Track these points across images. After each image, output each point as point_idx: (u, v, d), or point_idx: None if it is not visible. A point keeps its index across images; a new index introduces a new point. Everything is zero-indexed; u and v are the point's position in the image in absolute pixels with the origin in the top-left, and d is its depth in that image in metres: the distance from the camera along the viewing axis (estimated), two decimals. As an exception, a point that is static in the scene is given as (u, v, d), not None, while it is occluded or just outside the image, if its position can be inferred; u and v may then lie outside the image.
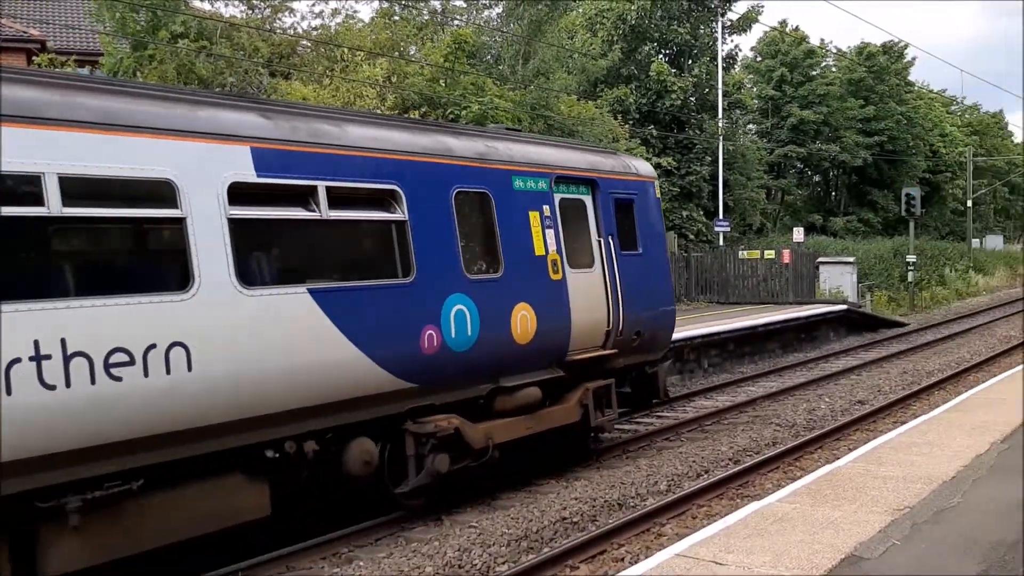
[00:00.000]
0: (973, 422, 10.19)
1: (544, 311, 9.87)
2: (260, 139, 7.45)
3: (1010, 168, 68.29)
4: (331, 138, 8.11)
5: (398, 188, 8.52)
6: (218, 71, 18.48)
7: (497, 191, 9.70)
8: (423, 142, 9.13)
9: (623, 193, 11.66)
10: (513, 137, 11.08)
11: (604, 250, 11.06)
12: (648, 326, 11.68)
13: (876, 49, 51.05)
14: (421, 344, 8.47)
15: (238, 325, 6.95)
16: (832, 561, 5.77)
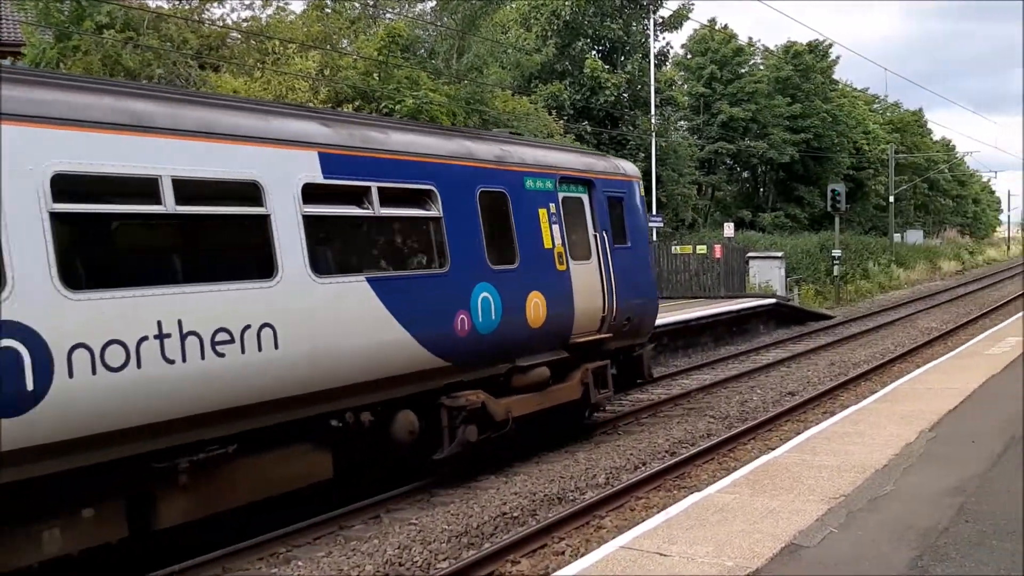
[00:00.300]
0: (902, 412, 10.46)
1: (553, 298, 10.98)
2: (325, 145, 8.45)
3: (929, 165, 70.53)
4: (379, 143, 9.14)
5: (434, 188, 9.53)
6: (145, 63, 17.96)
7: (512, 190, 10.76)
8: (451, 146, 10.16)
9: (614, 191, 12.78)
10: (523, 141, 12.57)
11: (599, 243, 12.13)
12: (636, 312, 12.84)
13: (802, 48, 52.16)
14: (455, 327, 9.53)
15: (313, 309, 7.95)
16: (773, 550, 5.86)
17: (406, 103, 21.00)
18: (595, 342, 11.87)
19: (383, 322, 8.66)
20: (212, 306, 7.12)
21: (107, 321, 6.44)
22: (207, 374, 7.04)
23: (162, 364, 6.72)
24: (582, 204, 12.09)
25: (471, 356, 9.85)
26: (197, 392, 7.03)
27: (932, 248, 60.83)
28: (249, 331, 7.35)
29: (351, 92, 21.45)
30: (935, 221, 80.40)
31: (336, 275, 8.37)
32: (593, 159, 13.28)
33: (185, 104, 7.60)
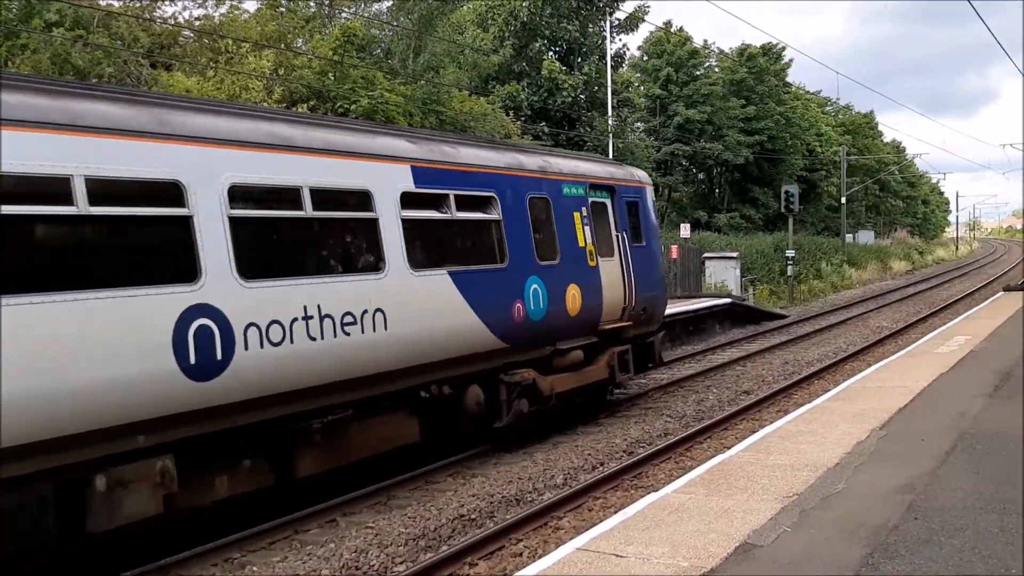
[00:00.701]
0: (854, 410, 10.61)
1: (586, 290, 12.59)
2: (415, 159, 10.02)
3: (880, 166, 71.80)
4: (453, 157, 10.76)
5: (494, 195, 11.14)
6: (95, 61, 17.60)
7: (553, 196, 12.36)
8: (505, 159, 11.83)
9: (631, 196, 14.47)
10: (558, 153, 14.43)
11: (620, 242, 13.81)
12: (650, 303, 14.52)
13: (756, 51, 52.81)
14: (513, 314, 11.09)
15: (410, 297, 9.51)
16: (727, 550, 5.90)
17: (361, 103, 20.85)
18: (618, 329, 13.56)
19: (460, 309, 10.26)
20: (341, 294, 8.69)
21: (269, 305, 7.95)
22: (337, 350, 8.57)
23: (307, 340, 8.24)
24: (606, 208, 13.73)
25: (524, 339, 11.39)
26: (330, 364, 8.55)
27: (883, 248, 61.90)
28: (367, 315, 8.94)
29: (306, 92, 21.25)
30: (886, 222, 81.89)
31: (425, 269, 9.86)
32: (614, 168, 15.00)
33: (312, 127, 9.32)
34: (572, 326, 12.37)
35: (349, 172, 9.13)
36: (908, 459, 8.05)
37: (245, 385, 7.71)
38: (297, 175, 8.48)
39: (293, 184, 8.44)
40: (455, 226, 10.69)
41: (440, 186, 10.31)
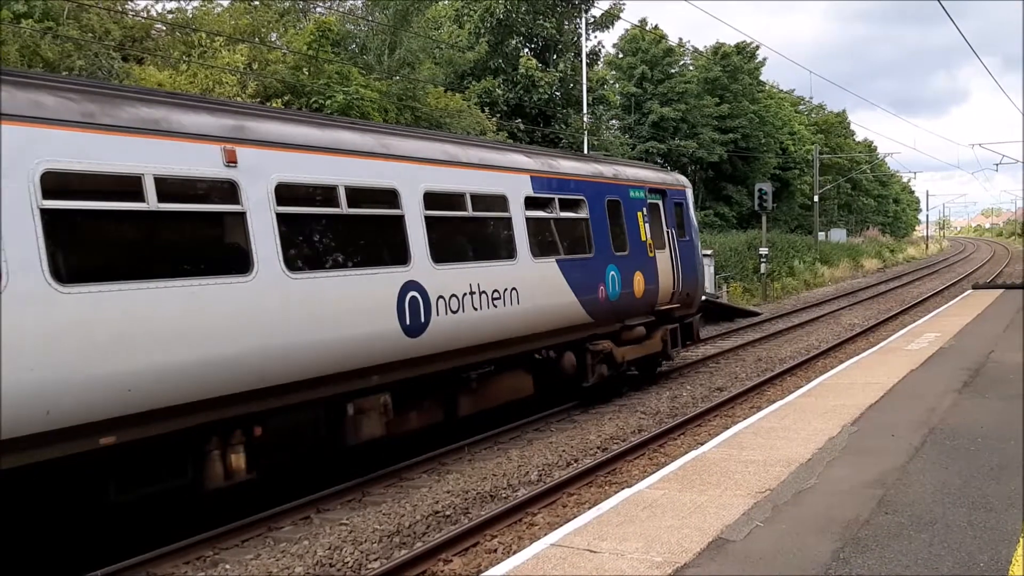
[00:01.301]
0: (825, 406, 10.71)
1: (647, 277, 15.11)
2: (532, 170, 12.73)
3: (852, 165, 72.44)
4: (555, 168, 13.47)
5: (584, 198, 13.68)
6: (66, 54, 17.36)
7: (623, 199, 14.84)
8: (589, 168, 14.44)
9: (678, 198, 17.01)
10: (624, 163, 17.47)
11: (670, 237, 16.31)
12: (691, 289, 17.05)
13: (730, 49, 53.06)
14: (598, 295, 13.63)
15: (532, 280, 12.06)
16: (700, 544, 5.94)
17: (336, 98, 20.74)
18: (669, 310, 16.09)
19: (563, 290, 12.83)
20: (491, 275, 11.29)
21: (450, 283, 10.52)
22: (490, 317, 11.16)
23: (472, 310, 10.85)
24: (659, 208, 16.17)
25: (604, 315, 13.88)
26: (485, 329, 11.14)
27: (855, 246, 62.46)
28: (507, 292, 11.55)
29: (280, 87, 21.10)
30: (858, 220, 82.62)
31: (541, 257, 12.44)
32: (664, 174, 17.73)
33: (467, 146, 12.15)
34: (636, 306, 14.94)
35: (494, 182, 11.82)
36: (879, 454, 8.13)
37: (436, 342, 10.33)
38: (463, 185, 11.18)
39: (460, 191, 11.14)
40: (558, 223, 13.19)
41: (549, 192, 12.92)
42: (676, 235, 16.54)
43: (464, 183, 11.17)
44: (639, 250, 15.02)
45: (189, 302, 7.50)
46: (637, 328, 14.92)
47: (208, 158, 7.93)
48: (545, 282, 12.42)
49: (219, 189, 8.08)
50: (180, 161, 7.66)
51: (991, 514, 6.33)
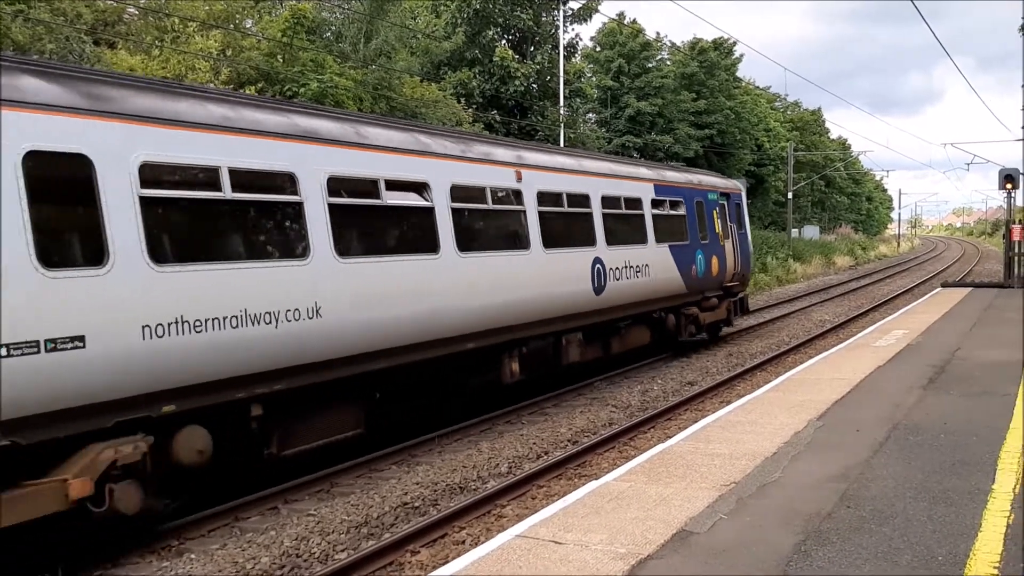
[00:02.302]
0: (793, 401, 10.80)
1: (719, 260, 19.73)
2: (653, 180, 17.18)
3: (826, 163, 72.99)
4: (666, 177, 17.93)
5: (682, 199, 18.10)
6: (36, 37, 17.11)
7: (704, 200, 19.40)
8: (685, 177, 19.17)
9: (737, 199, 21.89)
10: (702, 172, 22.48)
11: (731, 230, 20.92)
12: (746, 271, 22.13)
13: (708, 45, 53.23)
14: (691, 272, 18.11)
15: (657, 258, 16.50)
16: (664, 536, 5.98)
17: (310, 87, 20.61)
18: (731, 286, 20.69)
19: (671, 267, 17.35)
20: (636, 255, 15.77)
21: (616, 259, 15.01)
22: (635, 284, 15.74)
23: (626, 279, 15.35)
24: (724, 207, 20.67)
25: (694, 288, 18.40)
26: (632, 293, 15.66)
27: (827, 244, 62.94)
28: (643, 267, 16.05)
29: (254, 74, 20.92)
30: (831, 217, 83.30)
31: (660, 244, 16.87)
32: (728, 180, 22.59)
33: (623, 164, 17.19)
34: (712, 282, 19.42)
35: (635, 189, 16.39)
36: (843, 449, 8.22)
37: (609, 299, 14.93)
38: (619, 191, 15.76)
39: (618, 195, 15.71)
40: (668, 219, 17.55)
41: (663, 195, 17.38)
42: (735, 228, 21.20)
43: (620, 190, 15.77)
44: (714, 239, 19.69)
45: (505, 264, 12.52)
46: (712, 299, 19.60)
47: (511, 176, 12.89)
48: (662, 262, 16.98)
49: (513, 196, 13.01)
50: (503, 179, 12.79)
51: (951, 508, 6.42)
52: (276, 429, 9.09)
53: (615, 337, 16.06)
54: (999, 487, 6.88)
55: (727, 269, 20.17)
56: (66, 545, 7.65)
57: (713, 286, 19.41)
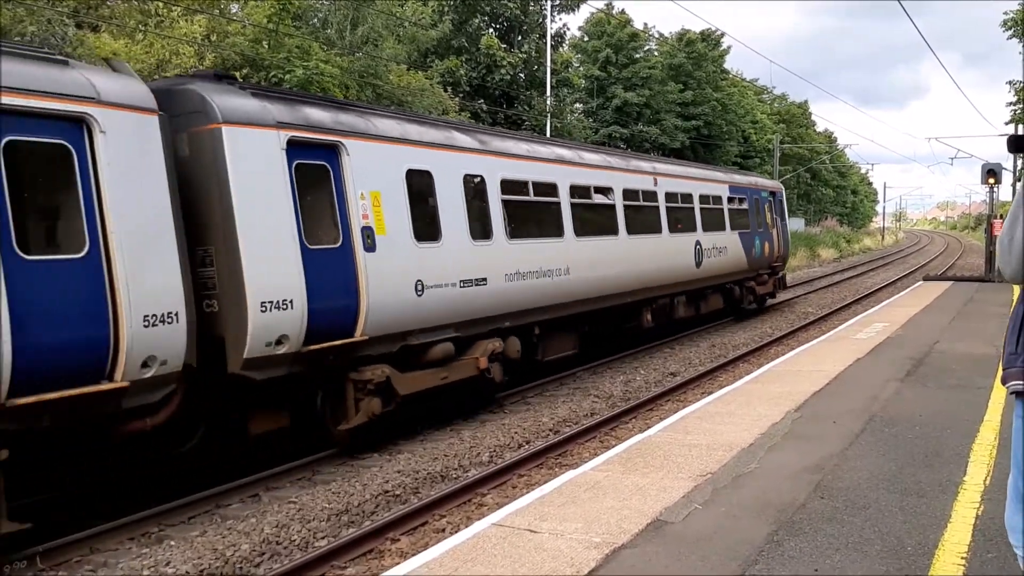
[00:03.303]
0: (772, 392, 10.89)
1: (769, 245, 24.88)
2: (727, 181, 22.86)
3: (812, 155, 73.21)
4: (734, 180, 23.51)
5: (745, 196, 23.28)
6: (17, 19, 16.99)
7: (759, 197, 24.67)
8: (749, 180, 24.94)
9: (780, 196, 27.31)
10: (755, 175, 28.60)
11: (776, 221, 26.29)
12: (785, 254, 27.52)
13: (695, 36, 53.26)
14: (751, 254, 23.29)
15: (731, 242, 22.12)
16: (639, 526, 6.04)
17: (296, 73, 20.53)
18: (775, 266, 26.03)
19: (740, 250, 22.62)
20: (719, 239, 21.22)
21: (707, 241, 20.44)
22: (718, 262, 21.08)
23: (713, 257, 20.75)
24: (771, 203, 25.97)
25: (752, 266, 23.68)
26: (716, 267, 21.05)
27: (812, 236, 63.15)
28: (723, 248, 21.32)
29: (239, 60, 20.83)
30: (816, 210, 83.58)
31: (733, 231, 22.28)
32: (773, 182, 28.88)
33: (705, 169, 23.12)
34: (763, 262, 24.76)
35: (715, 189, 21.69)
36: (819, 440, 8.30)
37: (703, 272, 20.11)
38: (710, 191, 21.16)
39: (709, 194, 21.02)
40: (737, 211, 22.86)
41: (733, 193, 22.77)
42: (777, 219, 26.42)
43: (710, 190, 21.24)
44: (765, 228, 25.04)
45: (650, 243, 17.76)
46: (763, 275, 24.93)
47: (651, 182, 18.19)
48: (734, 244, 22.32)
49: (652, 196, 18.38)
50: (647, 184, 18.18)
51: (922, 500, 6.51)
52: (542, 343, 14.42)
53: (703, 301, 21.23)
54: (970, 479, 6.98)
55: (774, 252, 25.75)
56: (48, 531, 7.66)
57: (764, 265, 24.85)
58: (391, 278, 10.47)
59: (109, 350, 7.56)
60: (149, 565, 7.34)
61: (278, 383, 9.28)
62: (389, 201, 10.64)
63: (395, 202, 10.74)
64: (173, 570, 7.26)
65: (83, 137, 7.58)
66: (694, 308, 20.65)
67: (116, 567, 7.38)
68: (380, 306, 10.23)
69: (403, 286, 10.70)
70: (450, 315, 11.59)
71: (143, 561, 7.45)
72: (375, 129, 10.84)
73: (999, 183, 30.40)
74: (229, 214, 8.74)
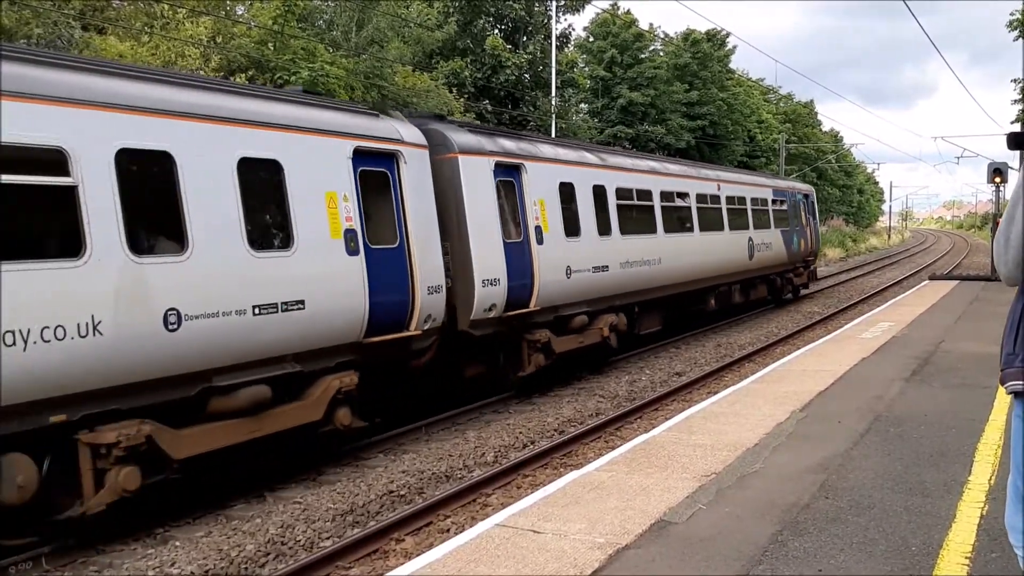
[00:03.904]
0: (777, 392, 10.87)
1: (804, 241, 28.75)
2: (770, 186, 27.08)
3: (818, 155, 73.06)
4: (778, 184, 28.09)
5: (786, 199, 27.41)
6: (23, 21, 17.04)
7: (797, 199, 28.59)
8: (786, 184, 29.40)
9: (812, 199, 30.68)
10: (792, 180, 34.10)
11: (809, 219, 29.86)
12: (816, 249, 31.60)
13: (700, 36, 53.16)
14: (791, 248, 27.19)
15: (775, 238, 25.82)
16: (643, 526, 6.04)
17: (302, 75, 20.56)
18: (808, 260, 29.75)
19: (782, 245, 26.20)
20: (766, 235, 24.87)
21: (757, 238, 23.84)
22: (766, 255, 24.69)
23: (761, 251, 24.23)
24: (805, 204, 29.52)
25: (791, 260, 27.17)
26: (765, 260, 24.72)
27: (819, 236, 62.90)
28: (770, 243, 25.12)
29: (244, 61, 20.87)
30: (822, 210, 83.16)
31: (776, 228, 26.00)
32: (807, 186, 32.49)
33: (756, 176, 28.38)
34: (800, 256, 28.24)
35: (762, 192, 25.14)
36: (824, 440, 8.29)
37: (754, 264, 23.76)
38: (759, 194, 24.97)
39: (757, 196, 24.97)
40: (779, 212, 26.09)
41: (776, 196, 26.28)
42: (809, 217, 30.21)
43: (758, 194, 24.77)
44: (802, 226, 28.69)
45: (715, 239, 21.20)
46: (799, 268, 28.66)
47: (715, 187, 21.56)
48: (778, 240, 25.81)
49: (714, 199, 21.62)
50: (712, 189, 21.46)
51: (927, 499, 6.49)
52: (640, 320, 17.52)
53: (753, 289, 24.54)
54: (975, 479, 6.96)
55: (808, 247, 29.61)
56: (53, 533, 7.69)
57: (800, 259, 28.52)
58: (552, 264, 13.88)
59: (408, 309, 10.83)
60: (154, 566, 7.36)
61: (483, 340, 12.76)
62: (550, 206, 14.15)
63: (553, 207, 14.26)
64: (178, 571, 7.27)
65: (394, 166, 10.94)
66: (745, 295, 24.15)
67: (121, 567, 7.40)
68: (545, 285, 13.68)
69: (559, 271, 14.09)
70: (585, 294, 14.94)
71: (148, 562, 7.46)
72: (540, 153, 14.42)
73: (1005, 182, 30.26)
74: (462, 218, 12.16)
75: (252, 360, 8.69)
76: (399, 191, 10.89)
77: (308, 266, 9.24)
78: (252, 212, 8.79)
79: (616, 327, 15.94)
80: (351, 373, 10.01)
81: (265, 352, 8.83)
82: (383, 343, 10.37)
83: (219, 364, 8.34)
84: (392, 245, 10.66)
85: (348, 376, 9.96)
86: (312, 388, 9.64)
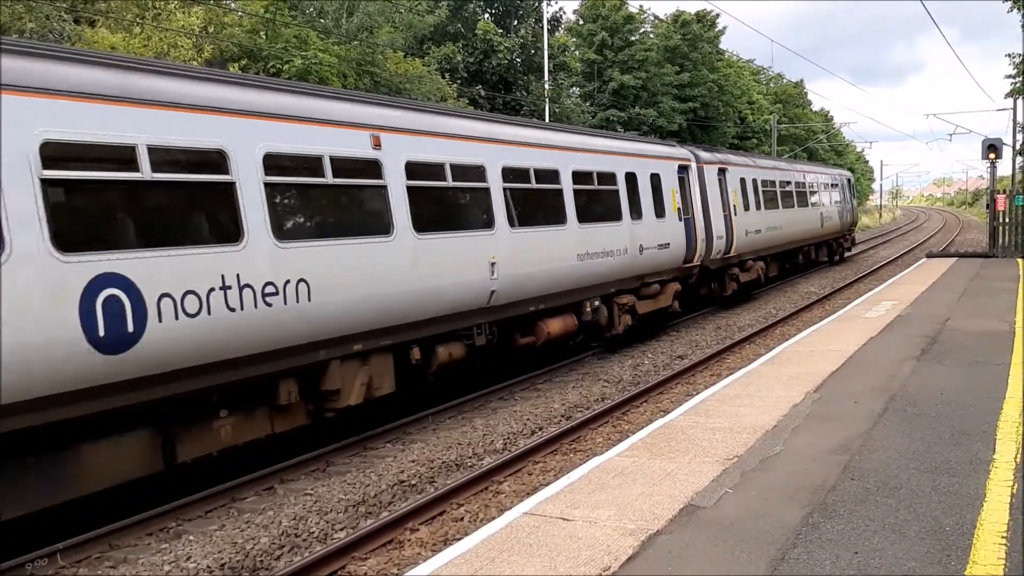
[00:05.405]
0: (788, 374, 10.80)
1: (850, 214, 37.68)
2: (826, 172, 35.31)
3: (809, 135, 73.02)
4: (830, 172, 36.52)
5: (837, 183, 35.41)
6: (16, 16, 16.77)
7: (839, 181, 35.76)
8: (835, 171, 37.61)
9: (851, 180, 38.24)
10: (833, 165, 47.82)
11: (848, 198, 37.25)
12: (855, 220, 40.15)
13: (690, 17, 52.94)
14: (842, 219, 35.35)
15: (833, 211, 34.05)
16: (672, 511, 5.96)
17: (294, 63, 20.34)
18: (848, 230, 37.29)
19: (836, 217, 34.30)
20: (826, 211, 32.69)
21: (826, 213, 33.12)
22: (831, 225, 33.43)
23: (828, 221, 32.97)
24: (848, 186, 36.63)
25: (841, 229, 35.46)
26: (830, 229, 33.51)
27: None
28: (831, 215, 33.46)
29: (237, 51, 20.63)
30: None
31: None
32: (846, 171, 40.36)
33: (797, 162, 35.19)
34: (847, 226, 36.28)
35: (826, 178, 33.51)
36: (842, 421, 8.22)
37: (824, 231, 32.67)
38: (808, 179, 31.06)
39: (804, 181, 30.08)
40: (830, 189, 33.66)
41: (832, 180, 34.14)
42: (849, 197, 36.68)
43: (817, 179, 31.27)
44: (845, 203, 35.58)
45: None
46: (846, 235, 35.74)
47: (800, 176, 30.20)
48: (834, 214, 32.77)
49: None
50: (798, 177, 29.96)
51: (954, 479, 6.42)
52: (768, 267, 24.59)
53: (819, 250, 32.20)
54: (1000, 456, 6.90)
55: (848, 221, 36.66)
56: (67, 527, 7.59)
57: (847, 228, 36.41)
58: (741, 229, 22.01)
59: (693, 251, 18.83)
60: (170, 560, 7.26)
61: (713, 272, 20.87)
62: (738, 193, 21.94)
63: (738, 193, 22.00)
64: (194, 564, 7.17)
65: (687, 173, 19.09)
66: (816, 254, 32.14)
67: (136, 563, 7.29)
68: (739, 241, 21.82)
69: (743, 233, 22.17)
70: (752, 247, 23.08)
71: (163, 556, 7.36)
72: (731, 160, 22.26)
73: (1000, 158, 30.30)
74: (705, 200, 19.77)
75: (655, 271, 17.17)
76: (688, 186, 18.95)
77: (669, 226, 17.59)
78: (633, 203, 16.42)
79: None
80: (676, 283, 18.24)
81: (659, 267, 17.32)
82: (687, 267, 18.76)
83: (649, 271, 16.91)
84: (688, 216, 18.58)
85: (677, 284, 18.26)
86: (666, 287, 17.89)
